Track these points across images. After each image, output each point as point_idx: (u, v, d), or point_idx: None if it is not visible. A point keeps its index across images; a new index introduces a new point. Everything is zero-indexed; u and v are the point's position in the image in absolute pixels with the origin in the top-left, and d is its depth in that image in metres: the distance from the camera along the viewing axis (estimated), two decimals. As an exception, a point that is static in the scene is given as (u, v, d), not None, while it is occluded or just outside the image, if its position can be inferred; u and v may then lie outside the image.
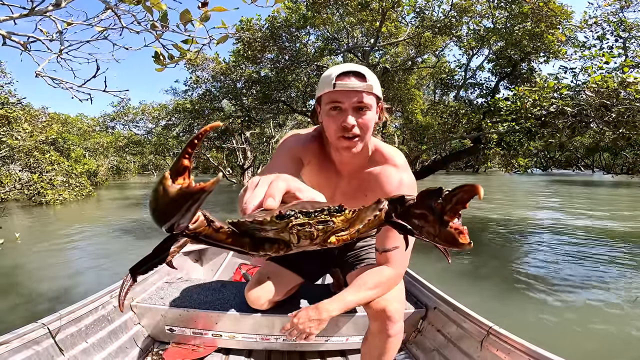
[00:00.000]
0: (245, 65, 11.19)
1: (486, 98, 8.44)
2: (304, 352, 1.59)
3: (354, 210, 0.57)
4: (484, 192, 0.42)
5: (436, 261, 3.91)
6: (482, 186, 0.41)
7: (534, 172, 34.57)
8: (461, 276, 3.76)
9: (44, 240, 5.43)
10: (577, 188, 16.98)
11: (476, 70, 8.74)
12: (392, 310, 1.08)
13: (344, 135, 0.99)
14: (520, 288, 3.38)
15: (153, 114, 15.50)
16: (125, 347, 1.46)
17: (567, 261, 4.27)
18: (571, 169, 38.63)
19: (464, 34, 9.16)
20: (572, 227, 6.40)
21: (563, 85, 4.57)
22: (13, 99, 8.83)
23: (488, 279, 3.67)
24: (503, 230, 6.23)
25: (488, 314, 1.35)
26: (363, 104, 0.97)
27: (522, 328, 2.56)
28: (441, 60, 11.50)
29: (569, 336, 2.53)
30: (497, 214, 8.06)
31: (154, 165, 38.95)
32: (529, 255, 4.70)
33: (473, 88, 8.91)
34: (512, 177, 30.42)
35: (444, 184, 0.43)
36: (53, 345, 1.21)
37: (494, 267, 4.12)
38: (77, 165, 9.80)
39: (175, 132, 15.14)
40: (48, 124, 10.28)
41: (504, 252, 4.83)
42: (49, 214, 8.46)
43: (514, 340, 1.18)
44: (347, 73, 0.98)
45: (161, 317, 1.52)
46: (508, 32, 7.54)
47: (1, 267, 3.92)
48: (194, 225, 0.48)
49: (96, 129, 17.38)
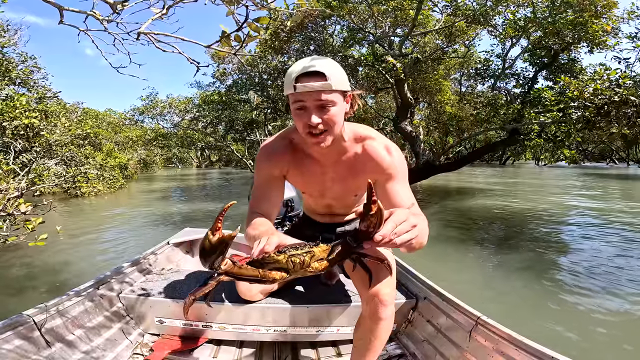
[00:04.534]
0: (271, 57, 11.11)
1: (524, 88, 8.01)
2: (296, 342, 1.59)
3: (329, 244, 0.88)
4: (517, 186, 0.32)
5: (486, 259, 3.74)
6: (511, 179, 0.29)
7: (564, 165, 33.17)
8: (513, 277, 3.57)
9: (84, 232, 5.57)
10: (614, 181, 16.10)
11: (515, 60, 8.32)
12: (384, 293, 1.13)
13: (310, 132, 1.03)
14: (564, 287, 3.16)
15: (180, 107, 15.76)
16: (113, 339, 1.43)
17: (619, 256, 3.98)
18: (605, 162, 36.85)
19: (499, 23, 8.77)
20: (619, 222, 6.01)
21: (625, 75, 4.24)
22: (49, 93, 9.10)
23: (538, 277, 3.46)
24: (540, 225, 5.93)
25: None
26: (324, 101, 1.00)
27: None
28: (471, 50, 11.07)
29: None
30: (529, 206, 7.70)
31: (178, 158, 39.87)
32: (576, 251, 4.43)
33: (508, 78, 8.48)
34: (543, 169, 29.27)
35: (468, 177, 0.35)
36: (39, 337, 1.18)
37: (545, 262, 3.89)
38: (109, 158, 10.05)
39: (200, 125, 15.33)
40: (82, 119, 10.59)
41: (550, 248, 4.57)
42: (84, 206, 8.73)
43: (501, 331, 1.20)
44: (306, 74, 0.99)
45: (150, 308, 1.50)
46: (550, 22, 7.12)
47: (50, 264, 3.97)
48: (225, 266, 0.80)
49: (125, 123, 17.86)
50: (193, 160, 42.92)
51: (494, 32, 9.22)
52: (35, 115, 5.76)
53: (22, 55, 8.45)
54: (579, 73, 7.67)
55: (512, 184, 14.90)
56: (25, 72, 8.20)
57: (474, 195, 10.77)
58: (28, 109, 5.71)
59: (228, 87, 12.21)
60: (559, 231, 5.74)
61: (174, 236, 2.45)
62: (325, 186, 1.26)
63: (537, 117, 6.03)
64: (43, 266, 3.82)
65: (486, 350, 1.23)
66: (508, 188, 12.87)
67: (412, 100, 9.49)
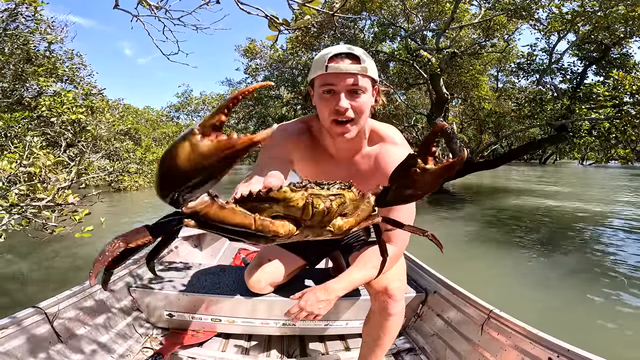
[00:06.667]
0: (302, 52, 11.12)
1: (572, 83, 7.49)
2: (304, 336, 1.59)
3: (360, 192, 0.63)
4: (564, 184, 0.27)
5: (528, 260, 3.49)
6: (554, 181, 0.23)
7: (611, 165, 30.91)
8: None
9: (126, 225, 5.83)
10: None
11: (563, 54, 7.82)
12: (394, 288, 1.08)
13: (337, 119, 0.96)
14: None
15: (212, 104, 16.21)
16: (123, 333, 1.43)
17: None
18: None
19: (543, 17, 8.27)
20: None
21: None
22: (94, 90, 9.58)
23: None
24: (592, 229, 5.50)
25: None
26: (357, 86, 0.94)
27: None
28: (511, 44, 10.55)
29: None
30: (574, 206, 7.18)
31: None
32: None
33: (555, 73, 7.97)
34: (587, 169, 27.43)
35: (505, 176, 0.25)
36: (50, 330, 1.18)
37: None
38: (148, 153, 10.48)
39: (232, 122, 15.67)
40: (124, 115, 11.12)
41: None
42: (125, 200, 9.17)
43: (515, 324, 1.16)
44: (341, 55, 0.94)
45: (160, 302, 1.49)
46: (601, 16, 6.62)
47: (93, 256, 4.15)
48: (194, 202, 0.44)
49: (162, 119, 18.64)
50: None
51: (537, 26, 8.73)
52: (82, 111, 6.08)
53: (69, 52, 8.82)
54: (632, 68, 7.10)
55: (556, 183, 14.05)
56: (71, 69, 8.61)
57: (516, 194, 10.23)
58: (75, 105, 6.03)
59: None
60: (614, 237, 5.30)
61: (182, 230, 2.45)
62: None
63: (589, 113, 5.59)
64: (86, 258, 3.94)
65: (499, 344, 1.19)
66: (559, 189, 12.14)
67: (448, 96, 9.14)
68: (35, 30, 6.93)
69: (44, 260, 3.79)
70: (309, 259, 1.43)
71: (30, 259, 3.77)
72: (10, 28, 6.56)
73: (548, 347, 1.04)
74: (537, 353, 1.07)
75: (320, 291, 1.13)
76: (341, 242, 1.41)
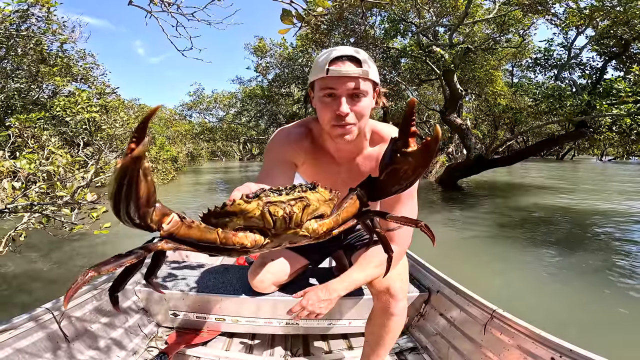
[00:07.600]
0: (312, 49, 11.09)
1: (591, 79, 7.27)
2: (307, 335, 1.60)
3: (332, 190, 0.60)
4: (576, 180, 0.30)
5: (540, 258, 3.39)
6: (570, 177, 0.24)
7: (632, 161, 29.97)
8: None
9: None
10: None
11: (582, 49, 7.60)
12: (396, 288, 1.08)
13: (337, 123, 0.94)
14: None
15: (224, 102, 16.33)
16: (129, 333, 1.45)
17: None
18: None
19: (560, 12, 8.05)
20: None
21: None
22: (108, 89, 9.73)
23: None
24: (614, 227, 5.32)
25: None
26: (358, 90, 0.92)
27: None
28: (527, 39, 10.31)
29: None
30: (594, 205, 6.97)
31: (222, 152, 41.49)
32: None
33: (573, 68, 7.75)
34: (606, 165, 26.66)
35: (522, 174, 0.22)
36: (58, 330, 1.18)
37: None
38: (162, 151, 10.65)
39: (244, 119, 15.76)
40: (139, 114, 11.31)
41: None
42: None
43: (518, 324, 1.16)
44: (342, 57, 0.92)
45: (164, 302, 1.50)
46: (620, 11, 6.41)
47: (110, 254, 4.23)
48: (168, 225, 0.49)
49: (176, 118, 18.90)
50: (236, 153, 44.45)
51: (554, 21, 8.51)
52: (96, 110, 6.18)
53: (81, 52, 8.89)
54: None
55: (576, 180, 13.69)
56: (85, 69, 8.73)
57: (534, 192, 10.00)
58: (89, 104, 6.14)
59: (270, 82, 12.38)
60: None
61: None
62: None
63: (610, 108, 5.41)
64: (104, 255, 4.04)
65: (502, 344, 1.19)
66: (577, 187, 11.83)
67: (462, 92, 8.98)
68: (47, 30, 7.04)
69: (64, 258, 3.88)
70: (312, 259, 1.43)
71: (50, 258, 3.87)
72: (22, 29, 6.69)
73: (551, 347, 1.04)
74: (540, 353, 1.06)
75: (321, 290, 1.14)
76: (343, 242, 1.41)
